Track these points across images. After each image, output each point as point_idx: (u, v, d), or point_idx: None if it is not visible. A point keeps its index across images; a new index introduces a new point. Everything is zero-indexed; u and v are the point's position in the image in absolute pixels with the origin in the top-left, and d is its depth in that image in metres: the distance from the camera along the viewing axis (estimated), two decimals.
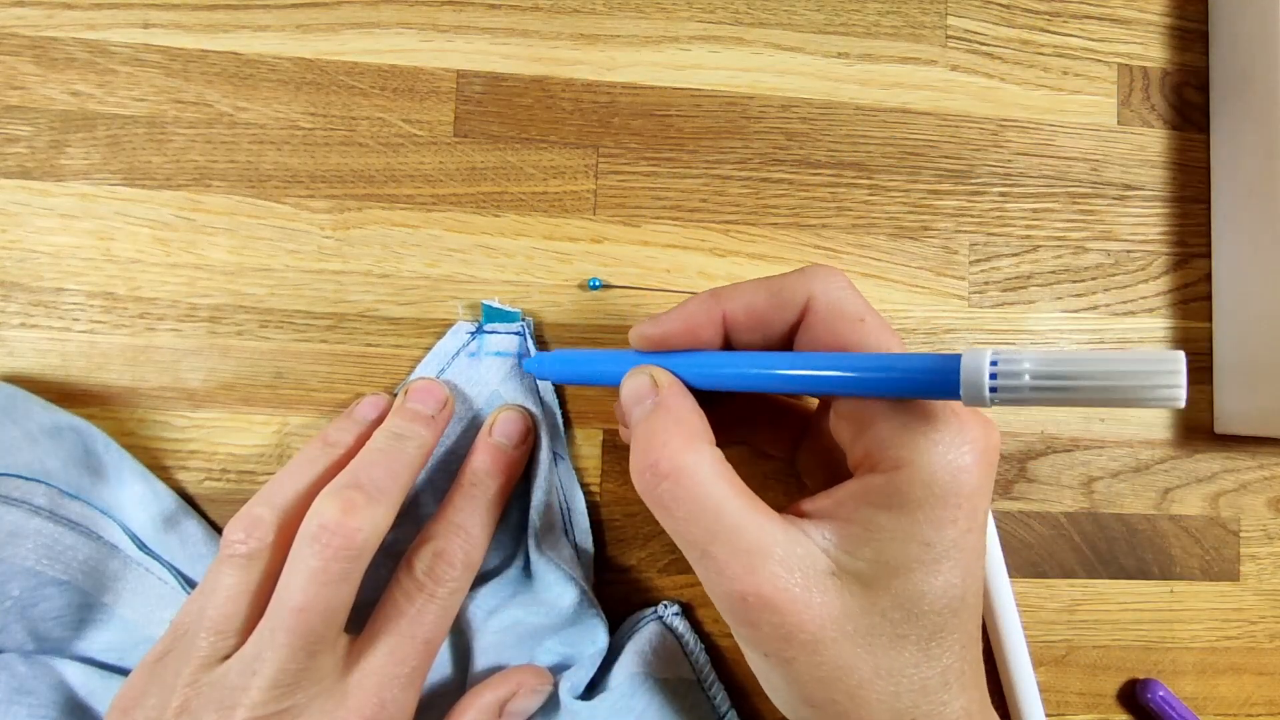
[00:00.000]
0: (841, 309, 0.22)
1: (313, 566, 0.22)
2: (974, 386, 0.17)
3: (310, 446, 0.26)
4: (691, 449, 0.21)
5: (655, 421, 0.22)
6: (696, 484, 0.21)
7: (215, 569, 0.23)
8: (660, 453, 0.21)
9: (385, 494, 0.24)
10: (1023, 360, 0.16)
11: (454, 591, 0.25)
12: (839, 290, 0.22)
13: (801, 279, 0.22)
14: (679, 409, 0.22)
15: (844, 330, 0.22)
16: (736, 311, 0.23)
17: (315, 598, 0.22)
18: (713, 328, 0.23)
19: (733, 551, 0.20)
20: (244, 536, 0.23)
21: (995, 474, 0.21)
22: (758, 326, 0.23)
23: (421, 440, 0.26)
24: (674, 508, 0.21)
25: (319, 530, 0.22)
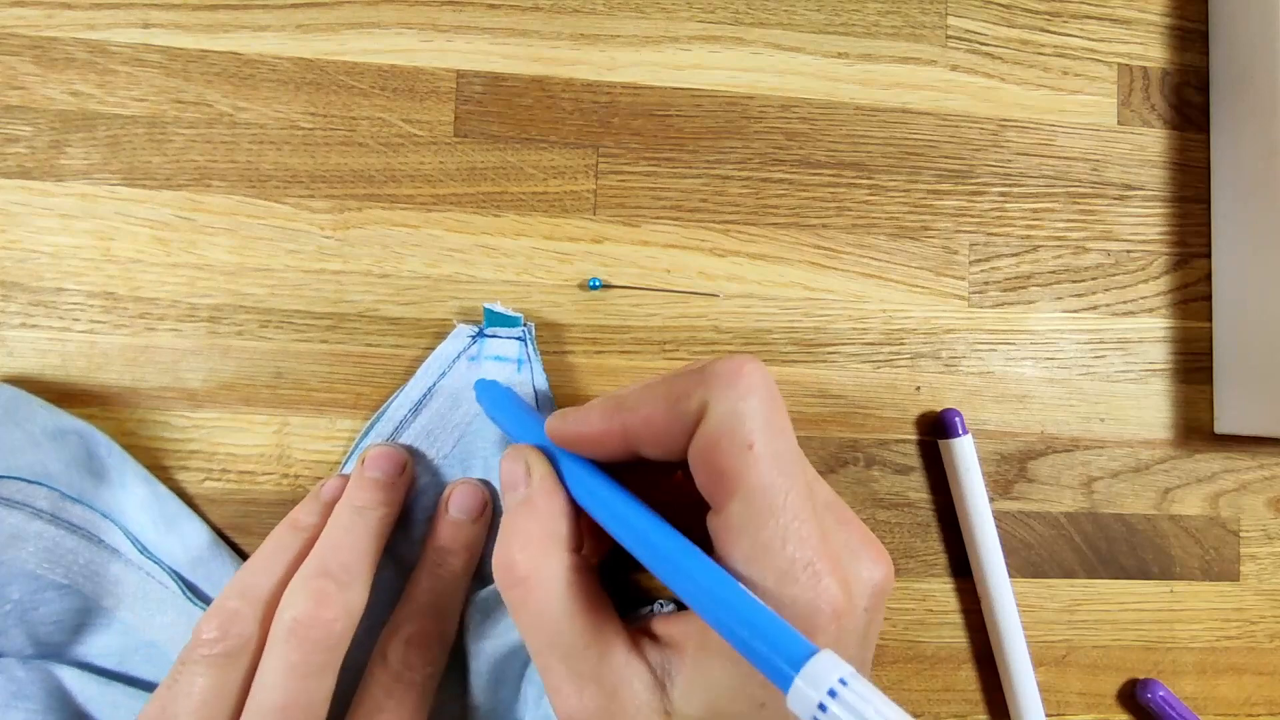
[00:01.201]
0: (730, 429, 0.19)
1: (292, 661, 0.21)
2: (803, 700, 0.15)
3: (279, 531, 0.25)
4: (546, 557, 0.20)
5: (518, 519, 0.21)
6: (544, 596, 0.20)
7: (187, 668, 0.22)
8: (516, 555, 0.20)
9: (356, 575, 0.23)
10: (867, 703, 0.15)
11: (431, 675, 0.25)
12: (734, 402, 0.19)
13: (699, 386, 0.19)
14: (545, 509, 0.21)
15: (726, 457, 0.19)
16: (635, 425, 0.20)
17: (297, 694, 0.21)
18: (614, 440, 0.21)
19: (566, 673, 0.19)
20: (219, 634, 0.22)
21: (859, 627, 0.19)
22: (658, 440, 0.20)
23: (384, 510, 0.25)
24: (520, 614, 0.20)
25: (294, 624, 0.21)
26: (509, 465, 0.23)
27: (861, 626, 0.19)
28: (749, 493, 0.18)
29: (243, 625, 0.22)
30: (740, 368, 0.19)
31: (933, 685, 0.31)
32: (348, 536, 0.24)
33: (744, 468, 0.19)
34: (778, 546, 0.18)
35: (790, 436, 0.19)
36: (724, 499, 0.19)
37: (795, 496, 0.19)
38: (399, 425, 0.28)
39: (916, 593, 0.32)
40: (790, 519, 0.18)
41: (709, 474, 0.19)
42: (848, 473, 0.31)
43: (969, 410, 0.32)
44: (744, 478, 0.18)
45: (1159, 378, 0.33)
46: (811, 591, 0.18)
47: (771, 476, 0.19)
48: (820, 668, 0.15)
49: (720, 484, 0.19)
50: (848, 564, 0.19)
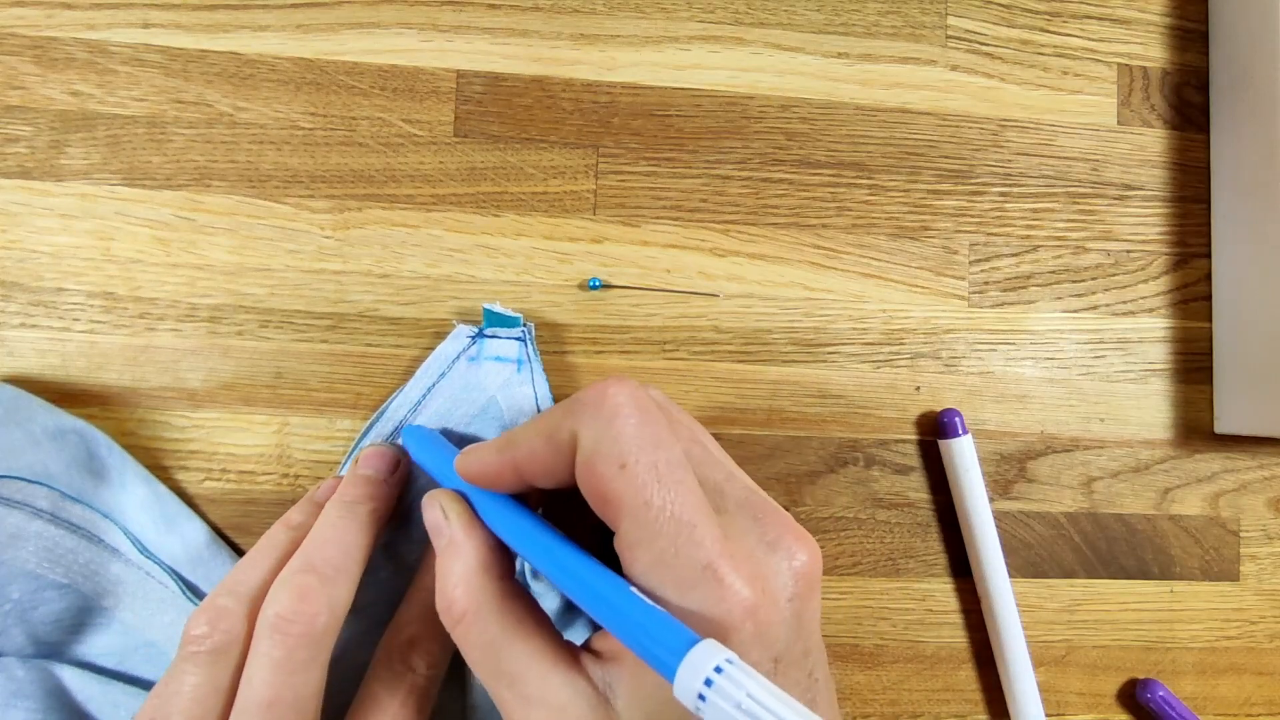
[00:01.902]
0: (599, 454, 0.19)
1: (275, 657, 0.21)
2: (686, 687, 0.16)
3: (272, 531, 0.25)
4: (477, 590, 0.21)
5: (445, 561, 0.22)
6: (481, 628, 0.21)
7: (178, 666, 0.22)
8: (451, 594, 0.21)
9: (341, 571, 0.23)
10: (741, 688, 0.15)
11: (434, 676, 0.25)
12: (601, 428, 0.19)
13: (566, 416, 0.20)
14: (467, 546, 0.22)
15: (602, 480, 0.19)
16: (522, 460, 0.21)
17: (283, 689, 0.21)
18: (508, 476, 0.22)
19: (515, 698, 0.20)
20: (207, 630, 0.22)
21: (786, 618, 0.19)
22: (545, 472, 0.21)
23: (374, 506, 0.25)
24: (467, 649, 0.21)
25: (276, 620, 0.22)
26: (428, 514, 0.23)
27: (789, 617, 0.19)
28: (633, 509, 0.19)
29: (230, 622, 0.22)
30: (604, 391, 0.20)
31: (933, 685, 0.31)
32: (335, 532, 0.24)
33: (622, 487, 0.19)
34: (671, 556, 0.18)
35: (669, 446, 0.20)
36: (615, 520, 0.19)
37: (681, 504, 0.19)
38: (399, 425, 0.28)
39: (916, 593, 0.32)
40: (680, 527, 0.18)
41: (596, 499, 0.20)
42: (848, 473, 0.31)
43: (969, 410, 0.32)
44: (624, 496, 0.19)
45: (1159, 378, 0.33)
46: (715, 594, 0.18)
47: (651, 489, 0.19)
48: (699, 656, 0.16)
49: (607, 507, 0.19)
50: (762, 559, 0.19)
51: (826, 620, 0.31)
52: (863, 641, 0.31)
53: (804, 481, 0.31)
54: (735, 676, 0.15)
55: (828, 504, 0.31)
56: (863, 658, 0.31)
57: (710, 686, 0.15)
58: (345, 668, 0.26)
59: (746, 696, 0.15)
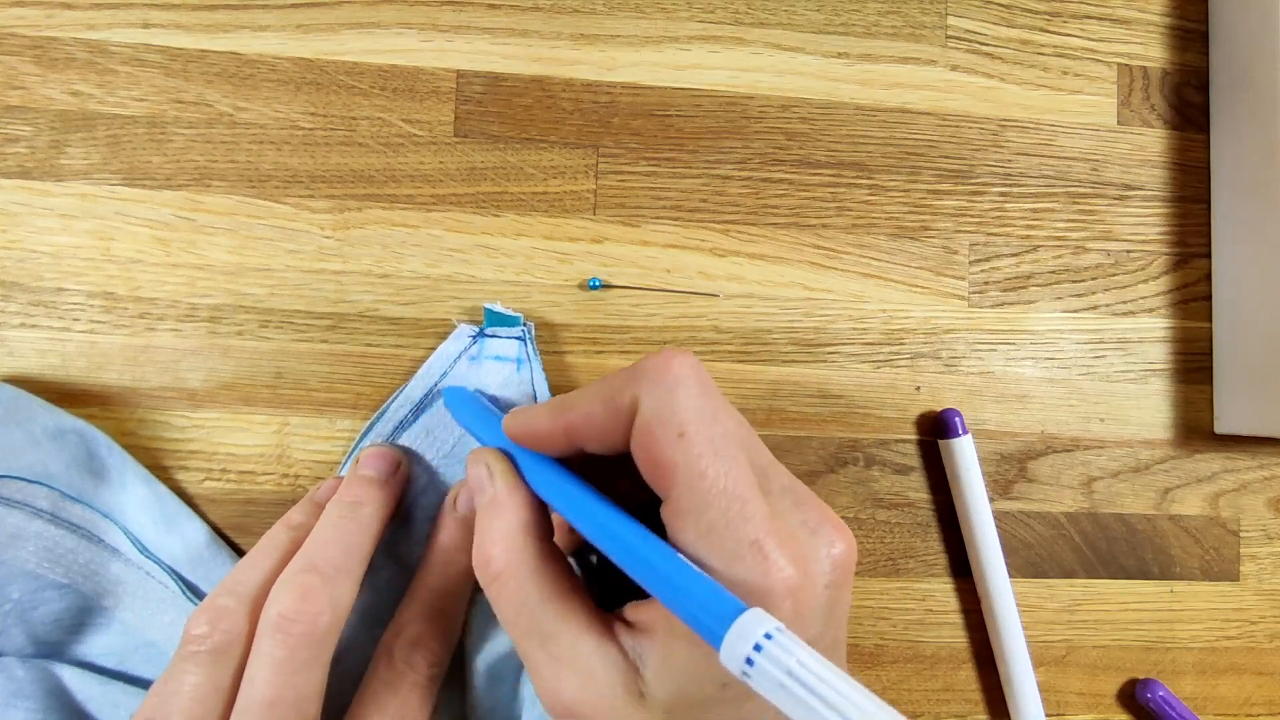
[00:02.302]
0: (660, 420, 0.19)
1: (278, 657, 0.21)
2: (733, 653, 0.16)
3: (272, 531, 0.25)
4: (518, 550, 0.21)
5: (486, 518, 0.22)
6: (518, 586, 0.21)
7: (178, 665, 0.22)
8: (490, 551, 0.21)
9: (343, 571, 0.23)
10: (791, 655, 0.15)
11: (434, 675, 0.25)
12: (662, 394, 0.20)
13: (629, 383, 0.20)
14: (510, 504, 0.22)
15: (660, 446, 0.19)
16: (577, 423, 0.21)
17: (284, 689, 0.21)
18: (560, 438, 0.22)
19: (546, 658, 0.20)
20: (208, 630, 0.22)
21: (822, 604, 0.19)
22: (599, 436, 0.21)
23: (376, 506, 0.25)
24: (500, 606, 0.21)
25: (279, 619, 0.22)
26: (473, 470, 0.23)
27: (824, 603, 0.19)
28: (687, 478, 0.19)
29: (231, 621, 0.22)
30: (668, 361, 0.20)
31: (933, 685, 0.31)
32: (336, 532, 0.24)
33: (678, 455, 0.19)
34: (721, 527, 0.18)
35: (726, 421, 0.20)
36: (667, 487, 0.19)
37: (735, 478, 0.19)
38: (399, 425, 0.28)
39: (916, 593, 0.32)
40: (731, 500, 0.19)
41: (649, 465, 0.20)
42: (848, 473, 0.31)
43: (969, 410, 0.32)
44: (680, 464, 0.19)
45: (1159, 378, 0.33)
46: (760, 569, 0.18)
47: (707, 460, 0.19)
48: (748, 623, 0.16)
49: (660, 474, 0.19)
50: (804, 541, 0.20)
51: None
52: (863, 641, 0.31)
53: (804, 481, 0.31)
54: (785, 644, 0.15)
55: (828, 504, 0.31)
56: (863, 658, 0.31)
57: (759, 652, 0.15)
58: (346, 667, 0.26)
59: (797, 663, 0.15)
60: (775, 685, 0.15)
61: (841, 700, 0.15)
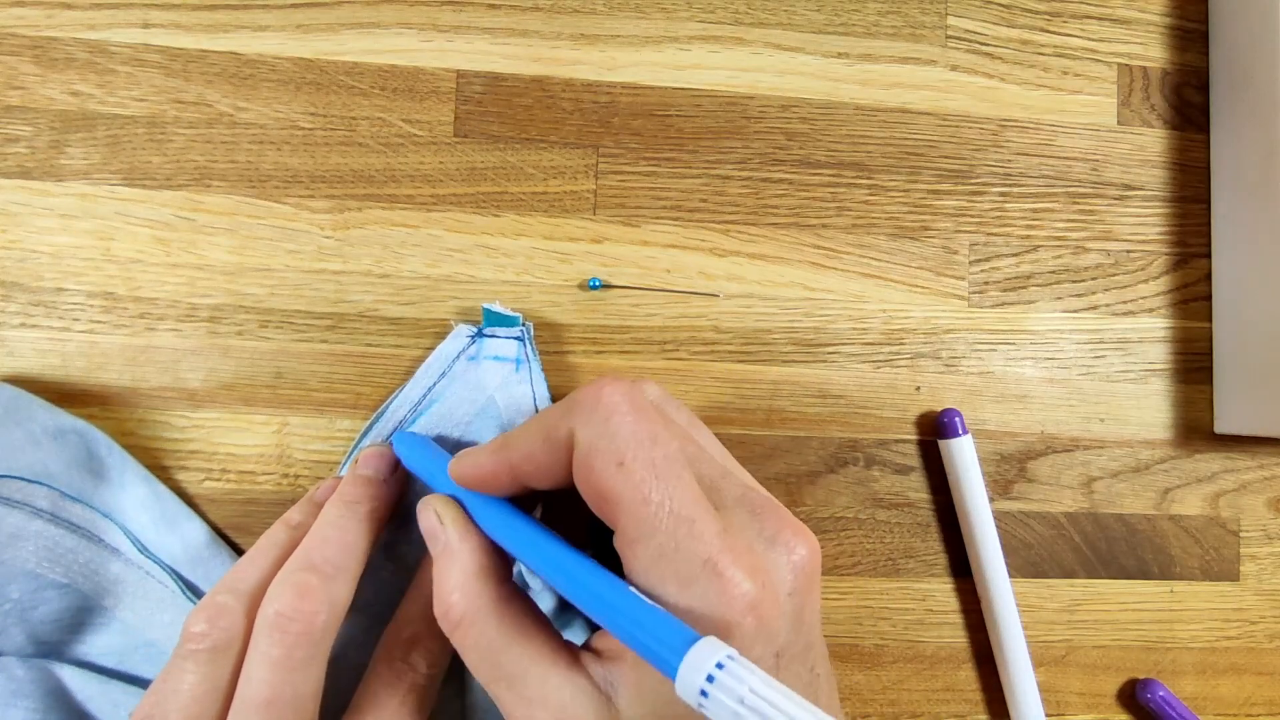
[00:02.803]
0: (597, 451, 0.19)
1: (274, 656, 0.21)
2: (688, 684, 0.16)
3: (272, 530, 0.25)
4: (475, 594, 0.21)
5: (442, 566, 0.22)
6: (480, 632, 0.21)
7: (177, 663, 0.22)
8: (449, 600, 0.21)
9: (341, 570, 0.23)
10: (743, 683, 0.15)
11: (434, 675, 0.25)
12: (597, 427, 0.20)
13: (564, 417, 0.20)
14: (462, 550, 0.22)
15: (600, 478, 0.19)
16: (519, 462, 0.21)
17: (282, 687, 0.21)
18: (504, 478, 0.22)
19: (517, 699, 0.20)
20: (206, 628, 0.22)
21: (787, 612, 0.19)
22: (542, 473, 0.21)
23: (374, 506, 0.25)
24: (465, 653, 0.21)
25: (276, 618, 0.22)
26: (423, 519, 0.23)
27: (788, 611, 0.19)
28: (631, 506, 0.19)
29: (229, 620, 0.22)
30: (599, 391, 0.20)
31: (933, 685, 0.31)
32: (334, 531, 0.24)
33: (619, 484, 0.19)
34: (671, 551, 0.18)
35: (666, 443, 0.20)
36: (614, 518, 0.19)
37: (680, 499, 0.19)
38: (398, 426, 0.28)
39: (916, 593, 0.32)
40: (678, 522, 0.18)
41: (594, 498, 0.20)
42: (848, 473, 0.31)
43: (969, 410, 0.32)
44: (622, 493, 0.19)
45: (1159, 378, 0.33)
46: (716, 588, 0.18)
47: (649, 486, 0.19)
48: (700, 654, 0.16)
49: (605, 505, 0.19)
50: (762, 553, 0.19)
51: (826, 620, 0.31)
52: (863, 641, 0.31)
53: (804, 481, 0.31)
54: (737, 672, 0.15)
55: (828, 504, 0.31)
56: (863, 658, 0.31)
57: (712, 683, 0.15)
58: (345, 667, 0.26)
59: (749, 692, 0.15)
60: (730, 714, 0.15)
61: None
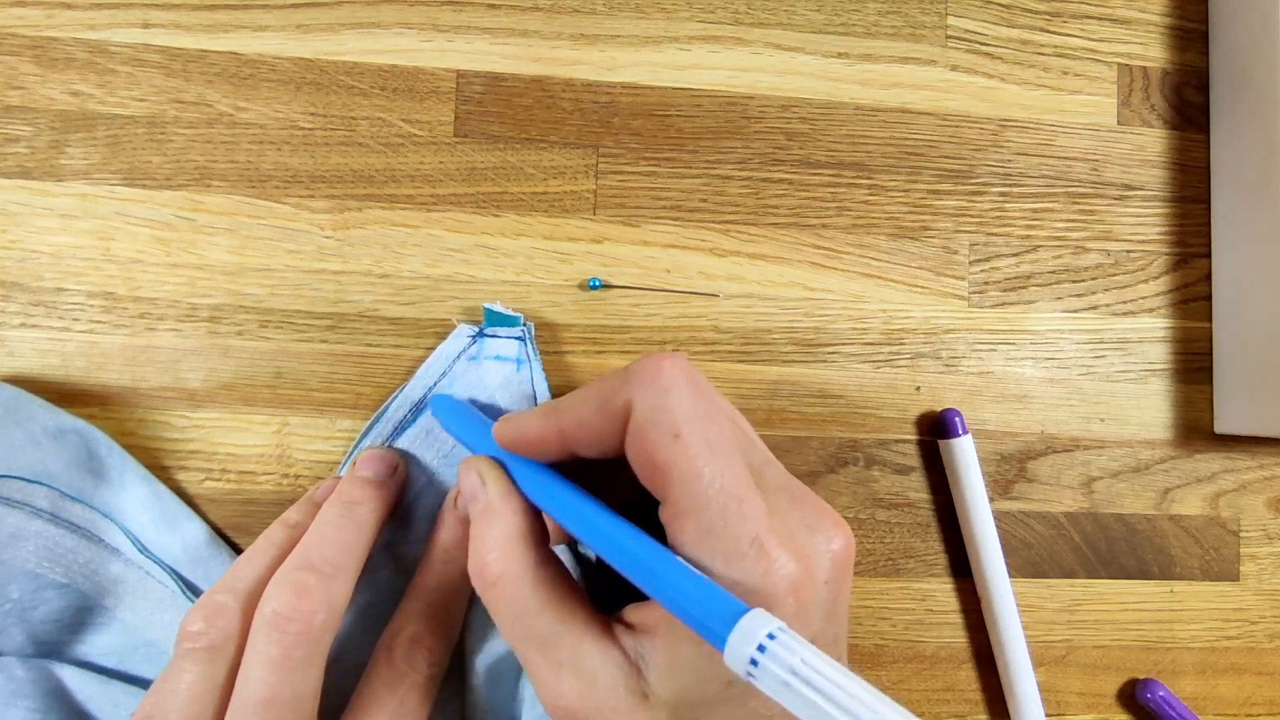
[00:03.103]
0: (655, 422, 0.19)
1: (273, 656, 0.21)
2: (737, 655, 0.16)
3: (270, 529, 0.25)
4: (514, 556, 0.21)
5: (481, 526, 0.22)
6: (516, 593, 0.21)
7: (175, 663, 0.22)
8: (486, 558, 0.21)
9: (340, 569, 0.23)
10: (794, 654, 0.15)
11: (434, 675, 0.25)
12: (656, 397, 0.20)
13: (623, 386, 0.20)
14: (504, 511, 0.22)
15: (655, 449, 0.19)
16: (570, 428, 0.21)
17: (280, 688, 0.21)
18: (552, 443, 0.22)
19: (547, 663, 0.20)
20: (204, 627, 0.22)
21: (823, 599, 0.19)
22: (593, 440, 0.21)
23: (373, 506, 0.25)
24: (498, 613, 0.21)
25: (274, 617, 0.22)
26: (465, 479, 0.23)
27: (825, 599, 0.19)
28: (683, 479, 0.19)
29: (227, 619, 0.22)
30: (659, 364, 0.20)
31: (933, 685, 0.31)
32: (333, 531, 0.24)
33: (674, 456, 0.19)
34: (720, 527, 0.18)
35: (720, 422, 0.20)
36: (664, 490, 0.19)
37: (732, 477, 0.19)
38: (399, 426, 0.28)
39: (916, 593, 0.31)
40: (728, 499, 0.19)
41: (645, 468, 0.20)
42: (848, 473, 0.31)
43: (969, 410, 0.32)
44: (676, 465, 0.19)
45: (1159, 378, 0.33)
46: (761, 567, 0.18)
47: (703, 460, 0.19)
48: (751, 624, 0.16)
49: (656, 476, 0.19)
50: (803, 539, 0.20)
51: None
52: (863, 641, 0.31)
53: (804, 481, 0.31)
54: (788, 644, 0.15)
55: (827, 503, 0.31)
56: (863, 658, 0.31)
57: (763, 653, 0.15)
58: (344, 667, 0.26)
59: (801, 662, 0.15)
60: (780, 685, 0.15)
61: (846, 697, 0.15)
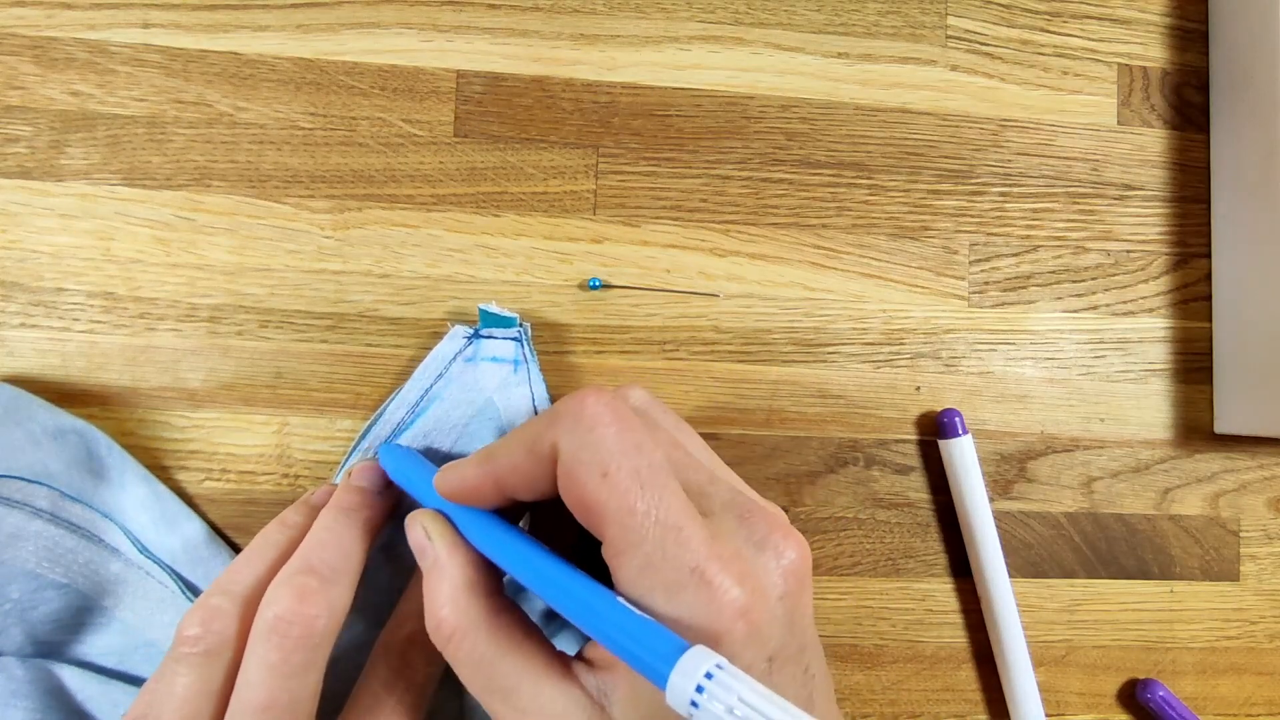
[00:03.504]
0: (581, 462, 0.19)
1: (272, 661, 0.21)
2: (678, 694, 0.16)
3: (267, 531, 0.25)
4: (464, 608, 0.21)
5: (431, 581, 0.22)
6: (472, 646, 0.21)
7: (170, 666, 0.22)
8: (440, 614, 0.21)
9: (340, 573, 0.23)
10: (732, 692, 0.15)
11: (432, 675, 0.25)
12: (581, 437, 0.19)
13: (548, 428, 0.20)
14: (451, 565, 0.22)
15: (585, 488, 0.19)
16: (503, 474, 0.21)
17: (279, 693, 0.21)
18: (489, 490, 0.22)
19: (509, 712, 0.20)
20: (201, 630, 0.22)
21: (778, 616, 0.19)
22: (526, 485, 0.21)
23: (371, 513, 0.25)
24: (458, 666, 0.21)
25: (275, 621, 0.21)
26: (411, 534, 0.23)
27: (781, 615, 0.19)
28: (617, 516, 0.19)
29: (224, 622, 0.22)
30: (582, 402, 0.20)
31: (933, 685, 0.31)
32: (332, 536, 0.24)
33: (605, 494, 0.19)
34: (659, 560, 0.18)
35: (650, 452, 0.20)
36: (600, 529, 0.19)
37: (666, 508, 0.19)
38: (396, 428, 0.28)
39: (916, 593, 0.31)
40: (665, 531, 0.18)
41: (579, 508, 0.20)
42: (848, 473, 0.31)
43: (969, 410, 0.32)
44: (608, 503, 0.19)
45: (1159, 378, 0.33)
46: (705, 596, 0.18)
47: (634, 495, 0.19)
48: (689, 663, 0.16)
49: (590, 516, 0.19)
50: (750, 558, 0.19)
51: (826, 621, 0.31)
52: (862, 641, 0.31)
53: (804, 481, 0.31)
54: (726, 681, 0.16)
55: (828, 504, 0.31)
56: (862, 658, 0.31)
57: (702, 693, 0.16)
58: (344, 669, 0.26)
59: (739, 701, 0.15)
60: None
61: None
